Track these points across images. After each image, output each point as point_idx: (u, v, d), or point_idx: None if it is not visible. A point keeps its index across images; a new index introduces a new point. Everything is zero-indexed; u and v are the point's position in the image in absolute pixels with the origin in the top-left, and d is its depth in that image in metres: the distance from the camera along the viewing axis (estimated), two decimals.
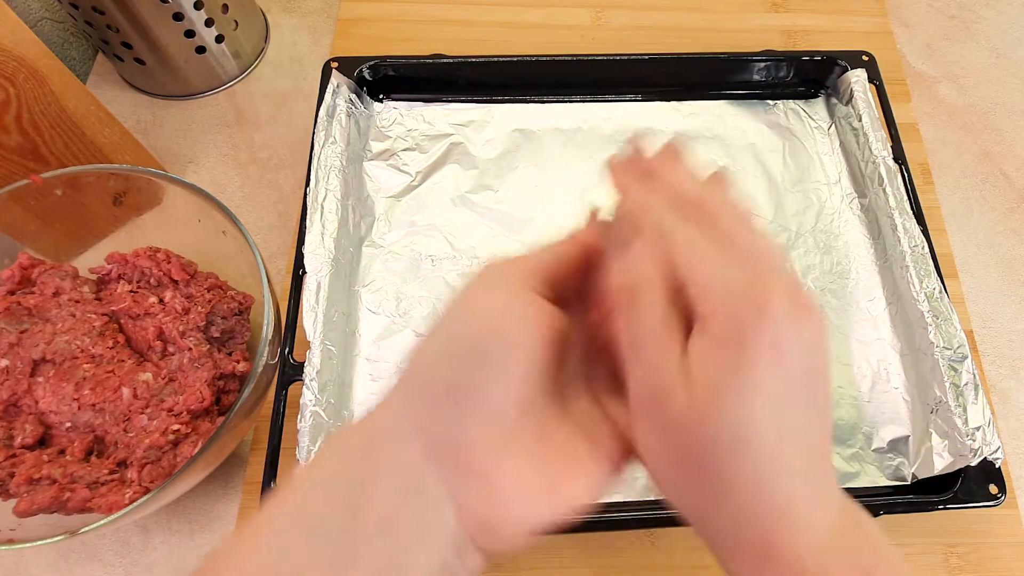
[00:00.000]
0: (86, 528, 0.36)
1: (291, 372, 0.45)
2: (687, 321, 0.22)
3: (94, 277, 0.47)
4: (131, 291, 0.46)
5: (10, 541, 0.36)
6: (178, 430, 0.41)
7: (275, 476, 0.43)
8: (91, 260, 0.48)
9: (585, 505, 0.23)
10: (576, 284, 0.26)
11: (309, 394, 0.44)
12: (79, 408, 0.41)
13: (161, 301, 0.45)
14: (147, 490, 0.40)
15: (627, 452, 0.24)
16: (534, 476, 0.22)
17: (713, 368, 0.20)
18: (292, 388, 0.45)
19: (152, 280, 0.47)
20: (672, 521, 0.43)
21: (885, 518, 0.44)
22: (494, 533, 0.21)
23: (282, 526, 0.21)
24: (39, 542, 0.36)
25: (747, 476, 0.21)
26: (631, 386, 0.22)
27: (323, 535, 0.20)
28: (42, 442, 0.42)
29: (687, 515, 0.23)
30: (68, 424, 0.41)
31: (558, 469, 0.23)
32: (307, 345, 0.45)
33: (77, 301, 0.44)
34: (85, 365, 0.42)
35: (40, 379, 0.42)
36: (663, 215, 0.23)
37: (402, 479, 0.21)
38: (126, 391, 0.42)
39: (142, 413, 0.42)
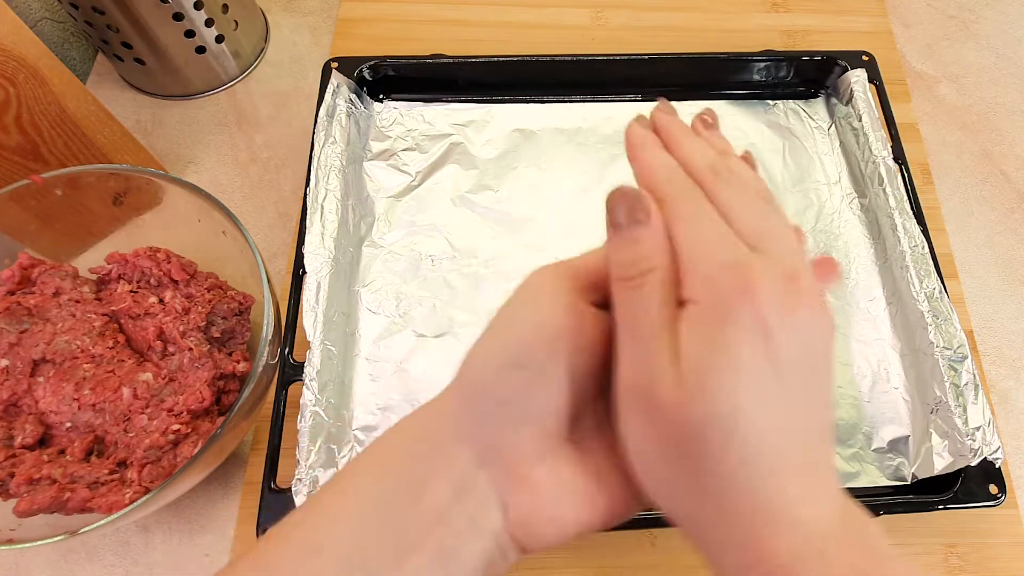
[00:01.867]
0: (86, 528, 0.36)
1: (291, 372, 0.45)
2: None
3: (94, 277, 0.47)
4: (131, 291, 0.46)
5: (10, 541, 0.36)
6: (178, 430, 0.41)
7: (275, 476, 0.43)
8: (91, 260, 0.48)
9: (619, 518, 0.23)
10: None
11: (309, 394, 0.44)
12: (79, 408, 0.41)
13: (161, 301, 0.45)
14: (147, 490, 0.40)
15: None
16: (572, 483, 0.23)
17: (697, 347, 0.19)
18: (292, 388, 0.45)
19: (152, 280, 0.47)
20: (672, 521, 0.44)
21: (885, 518, 0.44)
22: (534, 533, 0.23)
23: (356, 513, 0.22)
24: (39, 542, 0.36)
25: (732, 466, 0.19)
26: (619, 371, 0.21)
27: (390, 524, 0.22)
28: (42, 442, 0.42)
29: (672, 512, 0.22)
30: (68, 424, 0.41)
31: (593, 480, 0.23)
32: (307, 345, 0.45)
33: (77, 301, 0.44)
34: (85, 365, 0.42)
35: (40, 379, 0.42)
36: (671, 186, 0.22)
37: (458, 480, 0.22)
38: (126, 391, 0.42)
39: (142, 413, 0.42)
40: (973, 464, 0.43)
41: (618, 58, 0.60)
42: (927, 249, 0.51)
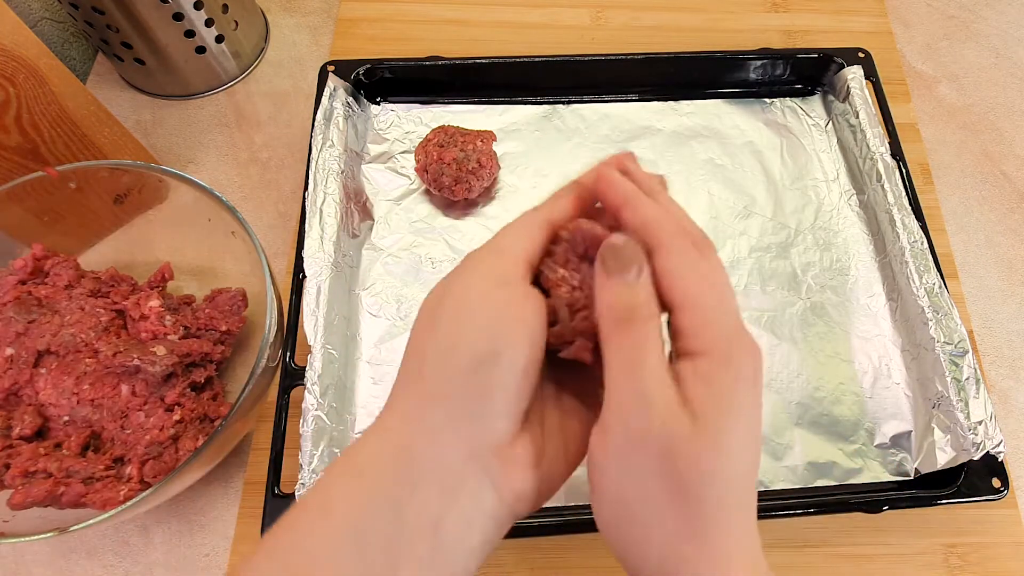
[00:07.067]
0: (77, 526, 0.36)
1: (292, 376, 0.45)
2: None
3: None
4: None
5: (1, 534, 0.36)
6: (177, 423, 0.41)
7: (278, 481, 0.42)
8: (92, 259, 0.48)
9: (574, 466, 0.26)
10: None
11: (311, 398, 0.43)
12: (78, 403, 0.41)
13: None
14: (147, 486, 0.40)
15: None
16: (544, 444, 0.25)
17: (713, 399, 0.22)
18: (294, 392, 0.45)
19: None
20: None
21: (887, 515, 0.44)
22: (530, 499, 0.24)
23: (329, 538, 0.22)
24: (30, 537, 0.36)
25: (728, 507, 0.22)
26: (611, 407, 0.23)
27: (371, 544, 0.22)
28: (40, 434, 0.42)
29: (616, 518, 0.24)
30: (66, 418, 0.41)
31: (562, 439, 0.26)
32: (308, 349, 0.45)
33: (88, 295, 0.45)
34: (87, 360, 0.42)
35: (43, 370, 0.42)
36: (674, 239, 0.24)
37: (447, 483, 0.23)
38: (124, 388, 0.42)
39: (139, 411, 0.42)
40: (976, 458, 0.43)
41: (617, 58, 0.60)
42: (926, 245, 0.51)
